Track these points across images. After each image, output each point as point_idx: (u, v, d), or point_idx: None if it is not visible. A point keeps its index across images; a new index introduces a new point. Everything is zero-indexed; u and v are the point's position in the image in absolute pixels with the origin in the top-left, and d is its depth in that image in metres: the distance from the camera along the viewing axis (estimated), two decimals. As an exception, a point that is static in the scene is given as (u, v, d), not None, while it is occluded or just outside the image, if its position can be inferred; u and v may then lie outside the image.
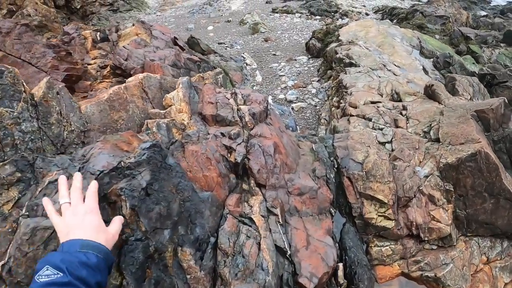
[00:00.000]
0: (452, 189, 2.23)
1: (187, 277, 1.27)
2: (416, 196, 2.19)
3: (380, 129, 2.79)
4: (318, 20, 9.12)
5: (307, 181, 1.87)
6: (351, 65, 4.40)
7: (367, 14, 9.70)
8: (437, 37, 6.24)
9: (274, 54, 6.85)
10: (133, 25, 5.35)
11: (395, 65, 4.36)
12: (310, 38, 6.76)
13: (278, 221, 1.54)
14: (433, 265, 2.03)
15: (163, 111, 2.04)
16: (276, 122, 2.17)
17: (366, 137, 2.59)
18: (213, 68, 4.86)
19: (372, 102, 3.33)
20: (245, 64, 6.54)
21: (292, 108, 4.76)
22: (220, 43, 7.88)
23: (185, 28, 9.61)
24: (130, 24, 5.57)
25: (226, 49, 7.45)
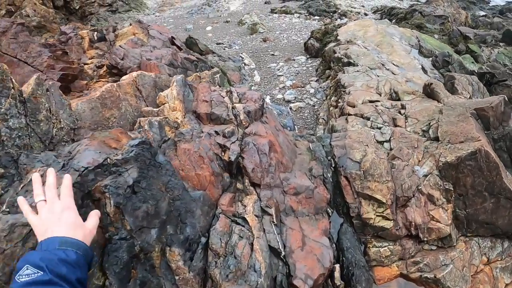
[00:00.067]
0: (452, 189, 2.18)
1: (176, 278, 1.23)
2: (415, 196, 2.15)
3: (379, 128, 2.76)
4: (317, 21, 9.10)
5: (303, 181, 1.83)
6: (350, 65, 4.36)
7: (366, 14, 9.68)
8: (436, 37, 6.21)
9: (273, 54, 6.82)
10: (130, 25, 5.32)
11: (394, 64, 4.32)
12: (309, 38, 6.73)
13: (273, 221, 1.50)
14: (433, 266, 1.98)
15: (156, 109, 2.00)
16: (272, 121, 2.13)
17: (364, 136, 2.55)
18: (211, 68, 4.83)
19: (371, 101, 3.29)
20: (243, 64, 6.50)
21: (290, 108, 4.72)
22: (219, 44, 7.85)
23: (184, 29, 9.58)
24: (128, 24, 5.54)
25: (225, 49, 7.42)
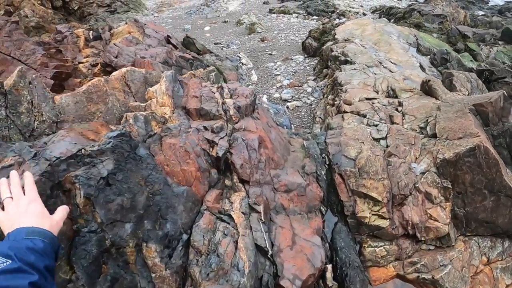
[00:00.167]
0: (450, 186, 2.11)
1: (152, 276, 1.16)
2: (412, 194, 2.08)
3: (375, 125, 2.69)
4: (315, 20, 9.06)
5: (295, 178, 1.76)
6: (347, 63, 4.31)
7: (365, 14, 9.64)
8: (435, 36, 6.16)
9: (270, 54, 6.78)
10: (126, 24, 5.28)
11: (392, 62, 4.27)
12: (307, 38, 6.69)
13: (260, 219, 1.43)
14: (431, 267, 1.91)
15: (144, 104, 1.94)
16: (264, 117, 2.07)
17: (360, 133, 2.49)
18: (207, 67, 4.78)
19: (367, 99, 3.23)
20: (241, 64, 6.46)
21: (287, 107, 4.67)
22: (217, 43, 7.82)
23: (182, 29, 9.55)
24: (124, 23, 5.50)
25: (222, 49, 7.38)
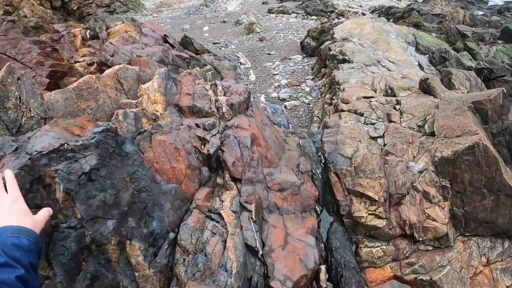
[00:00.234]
0: (449, 185, 2.07)
1: (136, 275, 1.12)
2: (410, 193, 2.04)
3: (372, 124, 2.65)
4: (314, 20, 9.04)
5: (289, 176, 1.72)
6: (345, 62, 4.27)
7: (364, 14, 9.62)
8: (434, 35, 6.13)
9: (269, 53, 6.75)
10: (123, 23, 5.26)
11: (390, 61, 4.23)
12: (305, 37, 6.66)
13: (251, 218, 1.39)
14: (429, 268, 1.86)
15: (135, 101, 1.90)
16: (258, 115, 2.03)
17: (357, 132, 2.45)
18: (204, 66, 4.75)
19: (365, 98, 3.19)
20: (239, 63, 6.43)
21: (285, 107, 4.63)
22: (215, 43, 7.79)
23: (181, 29, 9.54)
24: (121, 22, 5.48)
25: (221, 49, 7.36)
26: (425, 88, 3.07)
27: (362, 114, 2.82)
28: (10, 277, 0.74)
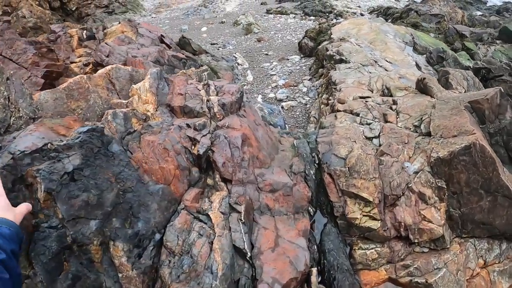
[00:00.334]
0: (445, 186, 2.04)
1: (119, 276, 1.10)
2: (405, 194, 2.01)
3: (368, 124, 2.62)
4: (312, 21, 9.03)
5: (281, 177, 1.69)
6: (342, 62, 4.25)
7: (362, 15, 9.60)
8: (432, 35, 6.11)
9: (267, 54, 6.73)
10: (119, 23, 5.24)
11: (387, 61, 4.20)
12: (303, 38, 6.64)
13: (240, 219, 1.35)
14: (424, 270, 1.83)
15: (125, 101, 1.87)
16: (251, 115, 2.00)
17: (352, 132, 2.42)
18: (200, 66, 4.73)
19: (362, 98, 3.16)
20: (237, 64, 6.41)
21: (282, 107, 4.60)
22: (213, 44, 7.77)
23: (179, 30, 9.52)
24: (117, 23, 5.46)
25: (219, 50, 7.34)
26: (422, 88, 3.05)
27: (358, 114, 2.80)
28: None
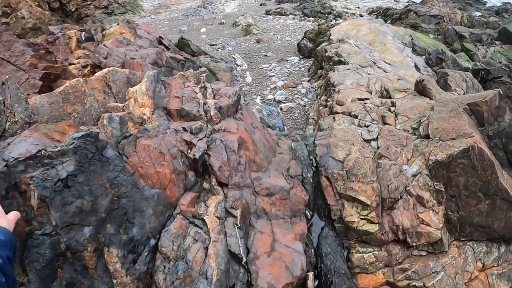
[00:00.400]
0: (443, 189, 2.03)
1: (114, 282, 1.09)
2: (403, 197, 2.00)
3: (366, 126, 2.61)
4: (312, 22, 9.02)
5: (278, 181, 1.68)
6: (340, 63, 4.24)
7: (361, 15, 9.60)
8: (431, 36, 6.10)
9: (266, 55, 6.73)
10: (118, 25, 5.23)
11: (386, 63, 4.20)
12: (302, 39, 6.64)
13: (236, 224, 1.35)
14: (422, 274, 1.82)
15: (122, 105, 1.86)
16: (248, 117, 1.99)
17: (350, 135, 2.41)
18: (199, 68, 4.72)
19: (360, 99, 3.16)
20: (236, 65, 6.40)
21: (281, 108, 4.60)
22: (212, 45, 7.77)
23: (178, 30, 9.52)
24: (116, 24, 5.45)
25: (218, 51, 7.33)
26: (421, 90, 3.04)
27: (356, 116, 2.79)
28: None
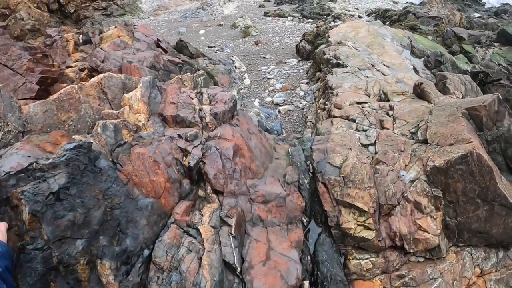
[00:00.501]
0: (441, 195, 2.01)
1: None
2: (400, 204, 1.98)
3: (364, 131, 2.60)
4: (310, 23, 9.01)
5: (274, 187, 1.67)
6: (339, 66, 4.22)
7: (360, 17, 9.60)
8: (430, 38, 6.09)
9: (264, 57, 6.72)
10: (115, 27, 5.22)
11: (384, 65, 4.18)
12: (300, 41, 6.63)
13: (230, 233, 1.33)
14: (419, 280, 1.81)
15: (117, 112, 1.85)
16: (245, 123, 1.98)
17: (348, 139, 2.40)
18: (197, 71, 4.70)
19: (358, 103, 3.14)
20: (234, 67, 6.39)
21: (279, 111, 4.58)
22: (210, 47, 7.76)
23: (177, 32, 9.51)
24: (113, 27, 5.43)
25: (216, 53, 7.33)
26: (419, 93, 3.02)
27: (354, 120, 2.77)
28: None
